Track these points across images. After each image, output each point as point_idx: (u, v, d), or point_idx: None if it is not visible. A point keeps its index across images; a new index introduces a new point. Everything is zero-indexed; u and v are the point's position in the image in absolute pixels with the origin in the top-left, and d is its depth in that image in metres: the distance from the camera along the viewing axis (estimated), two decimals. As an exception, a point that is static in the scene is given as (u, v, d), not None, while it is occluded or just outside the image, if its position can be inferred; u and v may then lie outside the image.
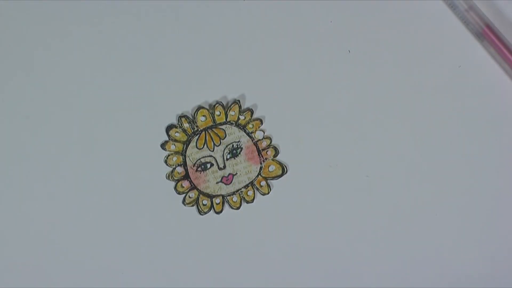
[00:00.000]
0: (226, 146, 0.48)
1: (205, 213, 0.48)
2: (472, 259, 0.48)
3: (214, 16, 0.49)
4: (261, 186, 0.48)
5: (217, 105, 0.48)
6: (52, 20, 0.48)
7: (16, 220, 0.47)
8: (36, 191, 0.47)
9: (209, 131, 0.48)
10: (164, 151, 0.48)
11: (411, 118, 0.48)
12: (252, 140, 0.48)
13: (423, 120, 0.48)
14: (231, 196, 0.48)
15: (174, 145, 0.48)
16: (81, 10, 0.48)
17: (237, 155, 0.48)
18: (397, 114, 0.48)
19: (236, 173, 0.48)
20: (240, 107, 0.48)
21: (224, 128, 0.48)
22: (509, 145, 0.48)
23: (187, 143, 0.48)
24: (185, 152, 0.48)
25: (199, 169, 0.48)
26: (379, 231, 0.48)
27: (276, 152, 0.48)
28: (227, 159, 0.48)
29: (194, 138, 0.48)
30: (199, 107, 0.48)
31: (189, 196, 0.48)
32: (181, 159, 0.48)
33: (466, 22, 0.48)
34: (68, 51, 0.48)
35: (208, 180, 0.48)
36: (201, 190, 0.48)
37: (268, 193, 0.48)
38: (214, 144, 0.48)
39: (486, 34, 0.47)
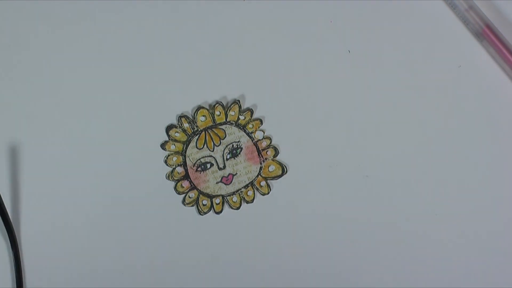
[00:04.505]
0: (226, 146, 0.48)
1: (205, 213, 0.48)
2: (472, 259, 0.48)
3: (214, 16, 0.49)
4: (261, 186, 0.48)
5: (217, 105, 0.48)
6: (53, 20, 0.48)
7: (16, 219, 0.47)
8: (36, 191, 0.47)
9: (209, 131, 0.48)
10: (164, 151, 0.48)
11: (411, 118, 0.48)
12: (252, 140, 0.48)
13: (423, 120, 0.48)
14: (231, 196, 0.48)
15: (174, 145, 0.48)
16: (82, 10, 0.48)
17: (237, 155, 0.48)
18: (397, 114, 0.48)
19: (236, 173, 0.48)
20: (240, 107, 0.48)
21: (224, 128, 0.48)
22: (509, 145, 0.48)
23: (187, 143, 0.48)
24: (185, 152, 0.48)
25: (199, 169, 0.48)
26: (379, 231, 0.48)
27: (276, 152, 0.48)
28: (227, 159, 0.48)
29: (194, 138, 0.48)
30: (199, 107, 0.48)
31: (189, 196, 0.48)
32: (181, 159, 0.48)
33: (466, 22, 0.48)
34: (68, 52, 0.48)
35: (208, 180, 0.48)
36: (201, 190, 0.48)
37: (268, 193, 0.48)
38: (214, 144, 0.48)
39: (486, 34, 0.47)
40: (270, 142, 0.48)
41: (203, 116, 0.48)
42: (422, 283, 0.48)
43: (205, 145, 0.48)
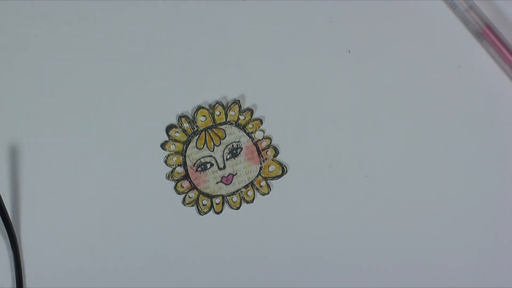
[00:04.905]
0: (226, 146, 0.48)
1: (205, 213, 0.48)
2: (472, 259, 0.48)
3: (214, 16, 0.49)
4: (261, 186, 0.48)
5: (217, 105, 0.48)
6: (53, 20, 0.48)
7: (16, 219, 0.47)
8: (36, 191, 0.47)
9: (209, 131, 0.48)
10: (164, 151, 0.48)
11: (411, 118, 0.48)
12: (252, 140, 0.48)
13: (423, 120, 0.48)
14: (231, 196, 0.48)
15: (174, 145, 0.48)
16: (82, 10, 0.48)
17: (237, 155, 0.48)
18: (397, 114, 0.48)
19: (236, 173, 0.48)
20: (240, 107, 0.48)
21: (224, 128, 0.48)
22: (508, 145, 0.48)
23: (187, 143, 0.48)
24: (185, 152, 0.48)
25: (199, 169, 0.48)
26: (379, 231, 0.48)
27: (276, 152, 0.48)
28: (227, 159, 0.48)
29: (194, 138, 0.48)
30: (199, 107, 0.48)
31: (189, 196, 0.48)
32: (181, 159, 0.48)
33: (466, 22, 0.48)
34: (68, 52, 0.48)
35: (208, 180, 0.48)
36: (201, 190, 0.48)
37: (268, 193, 0.48)
38: (214, 144, 0.48)
39: (486, 34, 0.47)
40: (270, 142, 0.48)
41: (203, 116, 0.48)
42: (422, 283, 0.48)
43: (205, 145, 0.48)
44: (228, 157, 0.48)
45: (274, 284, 0.47)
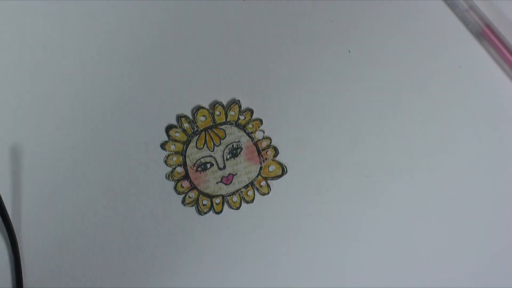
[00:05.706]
0: (226, 146, 0.48)
1: (205, 213, 0.48)
2: (472, 259, 0.48)
3: (214, 16, 0.49)
4: (261, 186, 0.48)
5: (217, 105, 0.48)
6: (53, 20, 0.48)
7: (16, 219, 0.47)
8: (36, 191, 0.47)
9: (209, 131, 0.48)
10: (164, 151, 0.48)
11: (411, 118, 0.48)
12: (252, 140, 0.48)
13: (423, 120, 0.48)
14: (231, 196, 0.48)
15: (174, 145, 0.48)
16: (82, 10, 0.48)
17: (237, 155, 0.48)
18: (397, 114, 0.48)
19: (236, 173, 0.48)
20: (240, 107, 0.48)
21: (224, 128, 0.48)
22: (508, 145, 0.48)
23: (187, 143, 0.48)
24: (185, 152, 0.48)
25: (199, 169, 0.48)
26: (379, 231, 0.48)
27: (276, 152, 0.48)
28: (227, 159, 0.48)
29: (194, 138, 0.48)
30: (199, 107, 0.48)
31: (189, 196, 0.48)
32: (181, 159, 0.48)
33: (466, 22, 0.48)
34: (68, 51, 0.48)
35: (208, 180, 0.48)
36: (201, 190, 0.48)
37: (268, 193, 0.48)
38: (214, 144, 0.48)
39: (486, 34, 0.47)
40: (270, 142, 0.48)
41: (203, 116, 0.48)
42: (422, 283, 0.48)
43: (205, 145, 0.48)
44: (228, 157, 0.48)
45: (274, 284, 0.47)
